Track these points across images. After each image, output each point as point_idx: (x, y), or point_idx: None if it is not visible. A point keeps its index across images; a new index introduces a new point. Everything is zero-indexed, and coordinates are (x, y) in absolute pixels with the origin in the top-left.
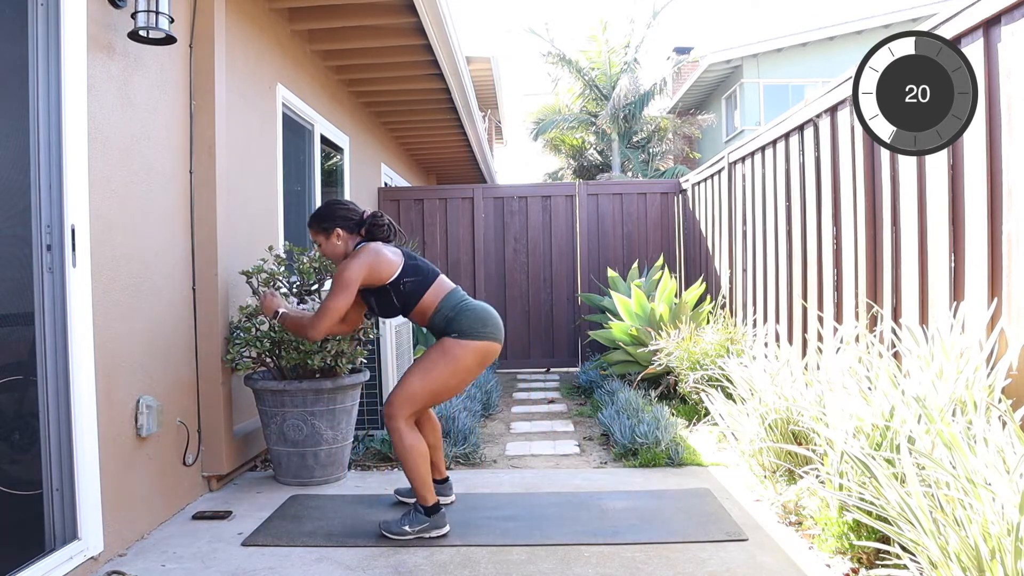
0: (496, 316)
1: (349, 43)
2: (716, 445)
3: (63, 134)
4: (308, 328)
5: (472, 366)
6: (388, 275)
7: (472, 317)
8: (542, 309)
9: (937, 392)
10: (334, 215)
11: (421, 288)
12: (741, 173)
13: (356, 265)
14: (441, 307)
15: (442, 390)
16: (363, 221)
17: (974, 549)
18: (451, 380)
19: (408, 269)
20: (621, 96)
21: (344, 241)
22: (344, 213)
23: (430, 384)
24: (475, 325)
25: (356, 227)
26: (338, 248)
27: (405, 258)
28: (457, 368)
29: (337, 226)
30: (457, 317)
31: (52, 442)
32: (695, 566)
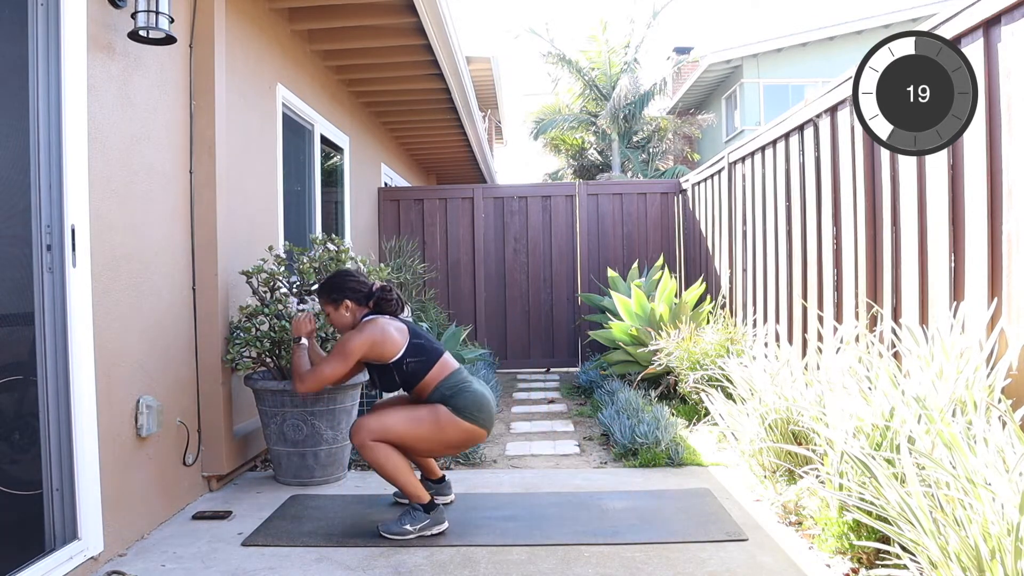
0: (492, 405)
1: (349, 43)
2: (716, 445)
3: (63, 134)
4: (298, 379)
5: (454, 442)
6: (391, 355)
7: (471, 400)
8: (542, 309)
9: (937, 392)
10: (344, 287)
11: (424, 368)
12: (741, 173)
13: (360, 340)
14: (440, 386)
15: (415, 444)
16: (372, 294)
17: (974, 549)
18: (427, 442)
19: (412, 349)
20: (621, 96)
21: (352, 313)
22: (354, 285)
23: (409, 433)
24: (472, 409)
25: (365, 299)
26: (346, 319)
27: (410, 336)
28: (441, 436)
29: (346, 298)
30: (456, 396)
31: (52, 442)
32: (695, 566)
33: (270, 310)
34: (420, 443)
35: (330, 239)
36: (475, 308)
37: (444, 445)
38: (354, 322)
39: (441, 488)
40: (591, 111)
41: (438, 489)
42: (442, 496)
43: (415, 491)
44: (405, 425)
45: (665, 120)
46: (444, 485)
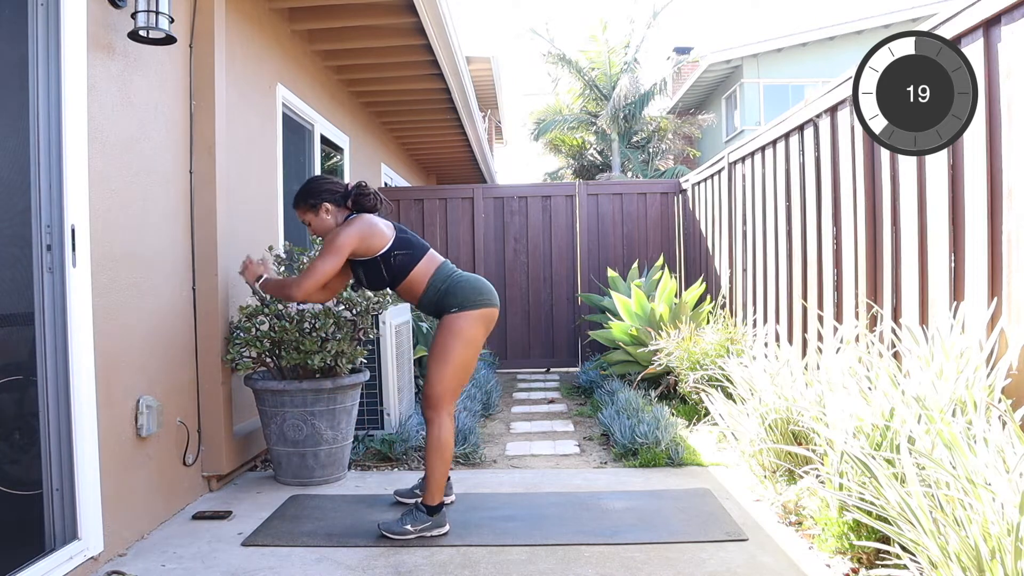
0: (488, 283)
1: (349, 43)
2: (716, 445)
3: (63, 134)
4: (292, 287)
5: (479, 334)
6: (379, 247)
7: (466, 288)
8: (542, 309)
9: (937, 392)
10: (320, 189)
11: (411, 262)
12: (741, 173)
13: (349, 232)
14: (432, 282)
15: (464, 367)
16: (348, 192)
17: (974, 549)
18: (468, 353)
19: (399, 242)
20: (621, 96)
21: (333, 215)
22: (329, 186)
23: (452, 366)
24: (471, 295)
25: (343, 199)
26: (328, 222)
27: (396, 231)
28: (467, 340)
29: (324, 200)
30: (450, 291)
31: (52, 442)
32: (695, 566)
33: (270, 310)
34: (464, 361)
35: None
36: None
37: (477, 341)
38: (335, 225)
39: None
40: (591, 111)
41: None
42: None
43: (436, 489)
44: (445, 363)
45: (665, 120)
46: (447, 485)
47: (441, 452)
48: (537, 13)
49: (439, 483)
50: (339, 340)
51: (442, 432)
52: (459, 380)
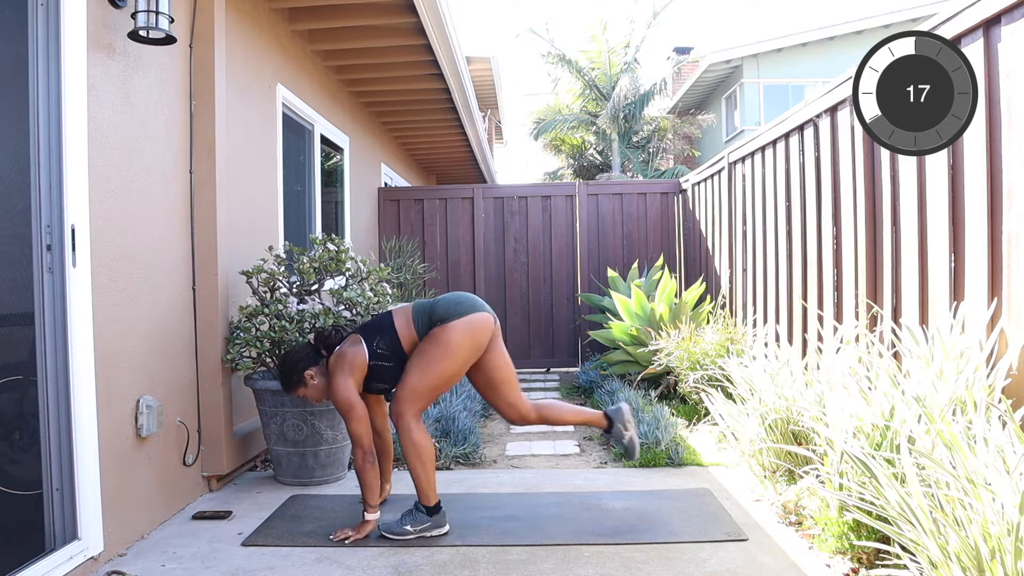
0: (471, 296)
1: (349, 43)
2: (716, 445)
3: (63, 134)
4: (362, 461)
5: (465, 343)
6: (364, 360)
7: (445, 303)
8: (542, 309)
9: (937, 392)
10: (294, 364)
11: (391, 334)
12: (741, 173)
13: (340, 383)
14: (418, 324)
15: (442, 378)
16: (316, 346)
17: (974, 549)
18: (448, 365)
19: (368, 337)
20: (621, 96)
21: (318, 374)
22: (299, 357)
23: (428, 376)
24: (451, 308)
25: (316, 356)
26: (318, 385)
27: (362, 335)
28: (449, 351)
29: (303, 370)
30: (432, 311)
31: (52, 442)
32: (695, 566)
33: (270, 310)
34: (443, 373)
35: (330, 239)
36: None
37: (461, 352)
38: (325, 380)
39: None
40: (591, 111)
41: None
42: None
43: (428, 490)
44: (421, 371)
45: (665, 120)
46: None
47: (418, 454)
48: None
49: (428, 483)
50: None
51: (412, 435)
52: (431, 388)
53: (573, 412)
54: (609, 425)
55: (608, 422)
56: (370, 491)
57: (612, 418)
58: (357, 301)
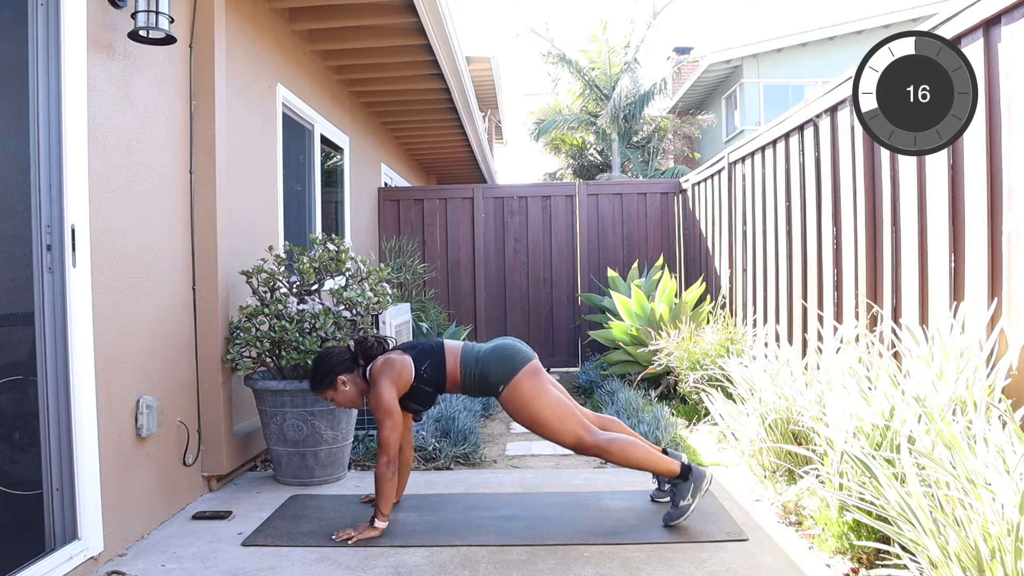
0: (513, 343)
1: (349, 43)
2: (716, 445)
3: (63, 134)
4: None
5: (536, 382)
6: (409, 377)
7: (496, 362)
8: (542, 309)
9: (937, 392)
10: (330, 366)
11: (439, 365)
12: (741, 173)
13: (385, 389)
14: (464, 370)
15: (557, 408)
16: (354, 353)
17: (974, 549)
18: (545, 402)
19: (418, 358)
20: (621, 96)
21: (350, 382)
22: (337, 359)
23: (550, 420)
24: (505, 368)
25: (353, 362)
26: (349, 393)
27: (408, 351)
28: (533, 396)
29: (337, 374)
30: (484, 372)
31: (52, 442)
32: (695, 566)
33: (270, 310)
34: (555, 405)
35: (330, 239)
36: (475, 308)
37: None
38: (358, 389)
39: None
40: (591, 111)
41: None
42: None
43: (659, 464)
44: (544, 424)
45: (665, 120)
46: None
47: (625, 453)
48: (537, 13)
49: (650, 462)
50: (339, 340)
51: (604, 449)
52: (566, 416)
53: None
54: (683, 475)
55: (683, 472)
56: (386, 500)
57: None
58: (357, 301)
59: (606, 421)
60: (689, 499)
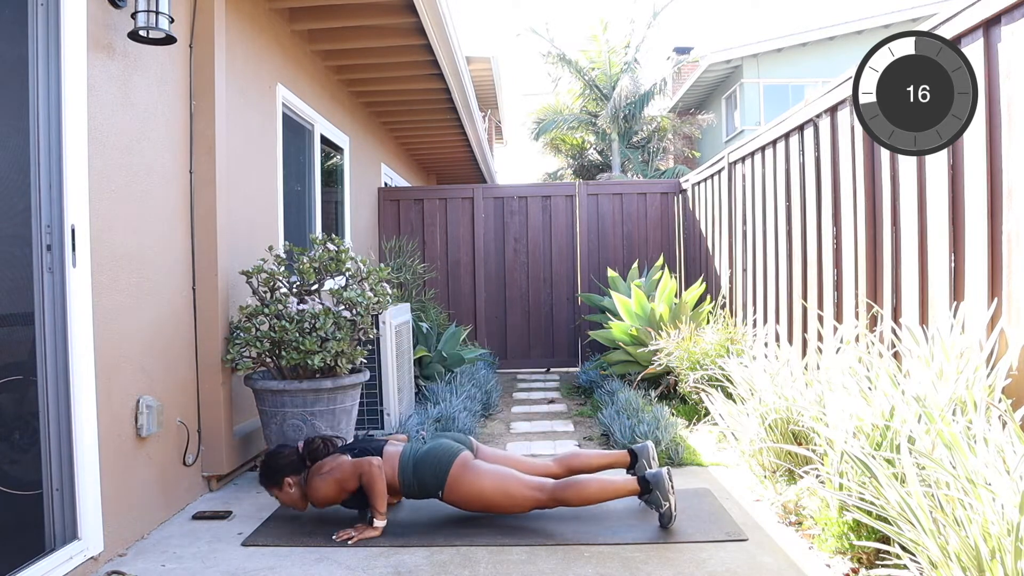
0: (437, 447)
1: (349, 43)
2: (716, 445)
3: (63, 134)
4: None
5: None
6: (352, 487)
7: (429, 472)
8: (542, 309)
9: (937, 392)
10: (278, 467)
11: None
12: (741, 173)
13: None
14: (402, 479)
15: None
16: (303, 455)
17: (974, 549)
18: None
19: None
20: (621, 96)
21: (295, 484)
22: (285, 461)
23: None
24: (437, 475)
25: (301, 463)
26: (293, 495)
27: (347, 454)
28: (471, 482)
29: (286, 475)
30: (422, 484)
31: (52, 442)
32: (695, 566)
33: (270, 310)
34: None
35: (330, 239)
36: (475, 308)
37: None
38: (302, 492)
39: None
40: (591, 111)
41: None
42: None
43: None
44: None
45: (665, 120)
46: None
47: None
48: (537, 13)
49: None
50: (339, 340)
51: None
52: (512, 488)
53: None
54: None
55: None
56: (380, 498)
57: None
58: (357, 301)
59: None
60: (666, 502)
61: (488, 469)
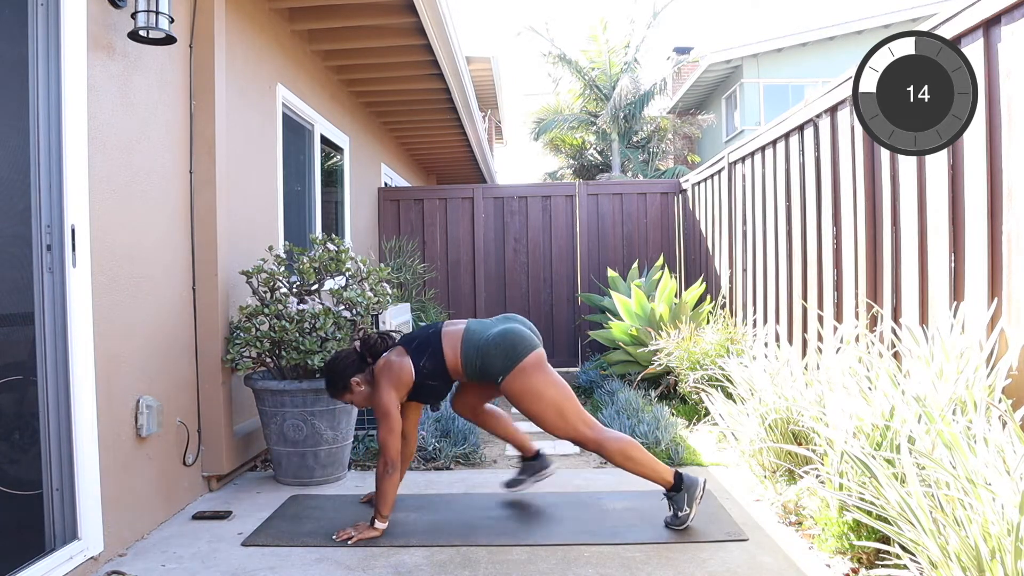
0: (518, 330)
1: (349, 43)
2: (716, 445)
3: (63, 134)
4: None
5: (538, 375)
6: (410, 377)
7: (499, 354)
8: (542, 309)
9: (937, 392)
10: (341, 370)
11: (437, 356)
12: (741, 173)
13: (385, 393)
14: (465, 360)
15: (559, 402)
16: (361, 353)
17: (974, 549)
18: (550, 392)
19: (416, 354)
20: (621, 96)
21: (364, 382)
22: (345, 364)
23: (550, 410)
24: (508, 360)
25: (361, 362)
26: (364, 392)
27: (409, 350)
28: (535, 387)
29: (349, 377)
30: (487, 363)
31: (52, 442)
32: (695, 566)
33: (270, 310)
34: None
35: (330, 239)
36: (475, 308)
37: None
38: (370, 388)
39: (541, 462)
40: (591, 111)
41: (538, 464)
42: (545, 469)
43: (659, 474)
44: (545, 415)
45: (665, 120)
46: (542, 459)
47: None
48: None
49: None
50: (339, 340)
51: (606, 447)
52: (567, 412)
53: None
54: (676, 487)
55: (676, 482)
56: (385, 502)
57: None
58: (357, 301)
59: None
60: (687, 509)
61: (558, 379)
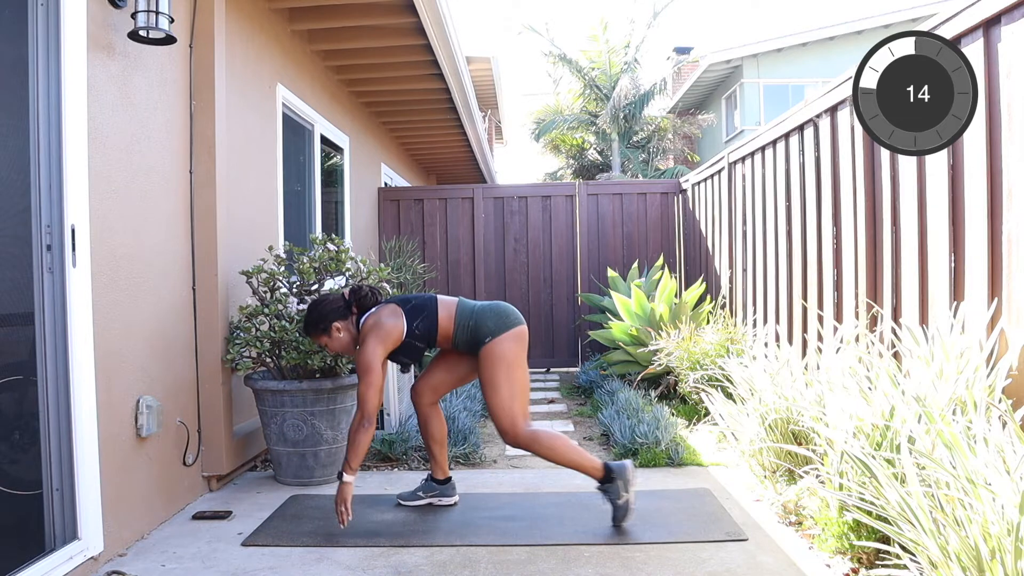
0: (509, 306)
1: (349, 43)
2: (716, 445)
3: (63, 134)
4: (358, 424)
5: (517, 352)
6: (399, 334)
7: (492, 316)
8: (542, 309)
9: (937, 392)
10: (324, 312)
11: (431, 320)
12: (741, 173)
13: (372, 346)
14: (459, 322)
15: (519, 385)
16: (348, 300)
17: (974, 549)
18: (515, 373)
19: (411, 314)
20: (621, 96)
21: (345, 330)
22: (331, 307)
23: (509, 389)
24: (499, 322)
25: (347, 309)
26: (344, 339)
27: (404, 309)
28: (509, 362)
29: (331, 321)
30: (479, 324)
31: (52, 442)
32: (695, 566)
33: (270, 310)
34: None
35: (330, 239)
36: None
37: (520, 359)
38: (351, 336)
39: (446, 489)
40: (591, 111)
41: (443, 490)
42: (446, 497)
43: (587, 467)
44: (500, 390)
45: (665, 120)
46: (448, 486)
47: (554, 450)
48: (537, 12)
49: (580, 463)
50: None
51: (541, 441)
52: (519, 399)
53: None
54: (607, 478)
55: (606, 474)
56: (356, 454)
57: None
58: None
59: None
60: (624, 494)
61: (525, 371)
